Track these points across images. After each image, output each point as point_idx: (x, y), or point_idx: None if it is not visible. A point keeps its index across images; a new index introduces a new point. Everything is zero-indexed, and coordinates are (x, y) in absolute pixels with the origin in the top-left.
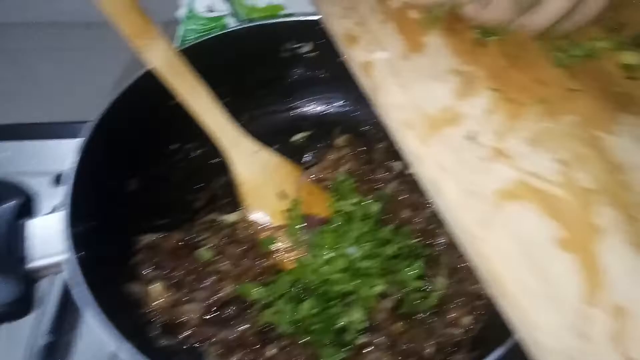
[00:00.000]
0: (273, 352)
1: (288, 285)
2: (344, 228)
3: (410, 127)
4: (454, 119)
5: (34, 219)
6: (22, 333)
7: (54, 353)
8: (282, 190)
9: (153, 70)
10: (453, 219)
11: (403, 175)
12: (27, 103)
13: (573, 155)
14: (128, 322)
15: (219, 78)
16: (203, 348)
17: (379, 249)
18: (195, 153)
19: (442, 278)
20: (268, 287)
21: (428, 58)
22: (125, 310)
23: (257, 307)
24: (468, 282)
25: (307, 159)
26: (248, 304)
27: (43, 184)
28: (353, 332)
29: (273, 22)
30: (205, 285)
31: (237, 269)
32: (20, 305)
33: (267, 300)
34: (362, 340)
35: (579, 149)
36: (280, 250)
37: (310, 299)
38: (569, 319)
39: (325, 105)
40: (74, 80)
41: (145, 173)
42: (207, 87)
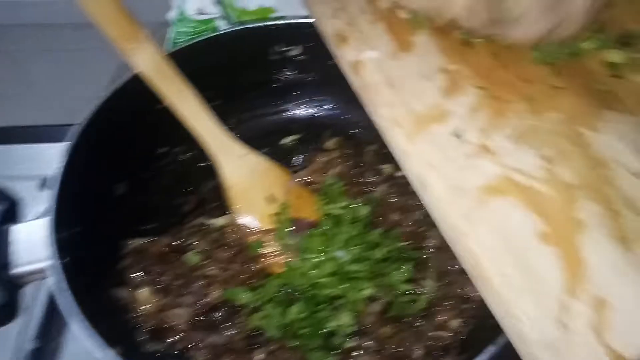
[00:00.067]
0: (261, 356)
1: (276, 289)
2: (333, 231)
3: (399, 124)
4: (441, 117)
5: (19, 225)
6: (8, 339)
7: (41, 359)
8: (270, 194)
9: (140, 74)
10: (440, 215)
11: (393, 178)
12: (19, 105)
13: (557, 152)
14: (115, 327)
15: (209, 81)
16: (191, 353)
17: (368, 253)
18: (184, 157)
19: (430, 281)
20: (256, 291)
21: (416, 57)
22: (112, 316)
23: (245, 311)
24: (457, 285)
25: (296, 162)
26: (236, 309)
27: (30, 189)
28: (342, 336)
29: (262, 25)
30: (193, 290)
31: (225, 273)
32: (5, 312)
33: (255, 305)
34: (350, 344)
35: (563, 146)
36: (269, 254)
37: (299, 303)
38: (552, 311)
39: (315, 108)
40: (68, 82)
41: (133, 177)
42: (194, 90)
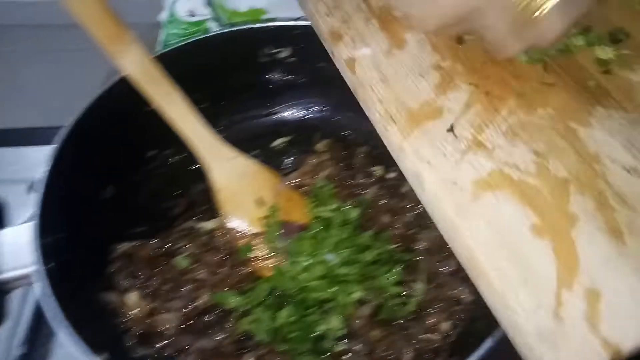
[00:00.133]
0: None
1: (266, 293)
2: (323, 234)
3: (393, 120)
4: (435, 113)
5: (5, 229)
6: None
7: None
8: (260, 197)
9: (127, 77)
10: (435, 210)
11: (383, 180)
12: (11, 107)
13: (549, 147)
14: (103, 332)
15: (198, 83)
16: (180, 358)
17: (358, 255)
18: (173, 159)
19: (421, 283)
20: (245, 295)
21: (410, 54)
22: (100, 321)
23: (234, 315)
24: (447, 287)
25: (287, 165)
26: (225, 313)
27: (18, 193)
28: (331, 339)
29: (251, 27)
30: (182, 294)
31: (214, 277)
32: None
33: (244, 309)
34: (340, 348)
35: (555, 141)
36: (259, 258)
37: (288, 307)
38: (547, 303)
39: (305, 111)
40: (61, 82)
41: (122, 180)
42: (183, 93)
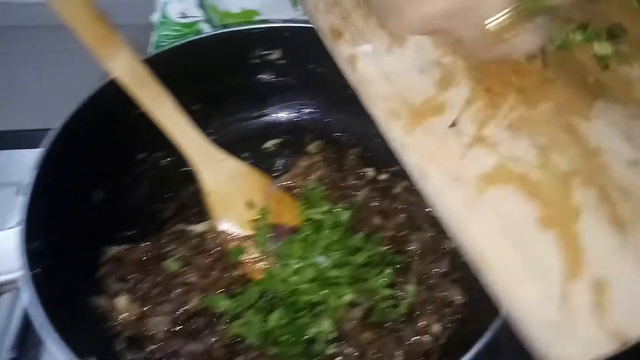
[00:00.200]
0: None
1: (256, 296)
2: (314, 237)
3: (396, 117)
4: (438, 109)
5: None
6: None
7: None
8: (250, 200)
9: (116, 80)
10: (440, 204)
11: (375, 182)
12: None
13: (551, 141)
14: (92, 336)
15: (188, 85)
16: None
17: (349, 258)
18: (164, 162)
19: (412, 285)
20: (236, 298)
21: (410, 51)
22: (90, 325)
23: (225, 319)
24: (438, 289)
25: (278, 166)
26: (216, 316)
27: (8, 196)
28: (322, 342)
29: (241, 29)
30: (172, 298)
31: (204, 280)
32: None
33: (235, 312)
34: (331, 351)
35: (557, 135)
36: (249, 261)
37: (279, 310)
38: (554, 294)
39: (297, 112)
40: (54, 84)
41: (112, 183)
42: (172, 96)
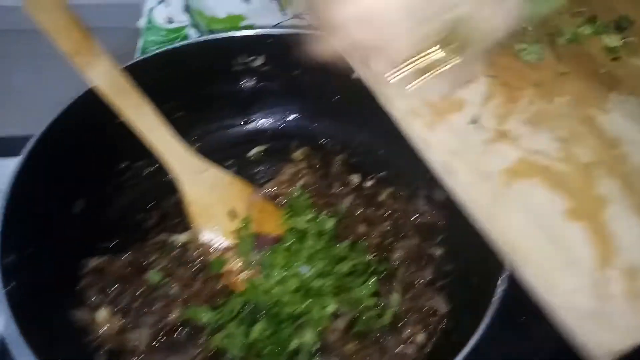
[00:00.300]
0: None
1: (239, 308)
2: (297, 246)
3: (416, 115)
4: (457, 106)
5: None
6: None
7: None
8: (232, 209)
9: (95, 89)
10: (467, 199)
11: (360, 189)
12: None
13: (571, 133)
14: (72, 351)
15: (171, 92)
16: None
17: (333, 267)
18: (146, 171)
19: (396, 294)
20: (218, 309)
21: None
22: (69, 339)
23: (207, 331)
24: (423, 298)
25: (263, 174)
26: (198, 328)
27: None
28: (306, 354)
29: (224, 36)
30: (154, 310)
31: (186, 292)
32: None
33: (217, 324)
34: None
35: (575, 127)
36: (232, 271)
37: (262, 321)
38: (589, 282)
39: (282, 119)
40: (37, 90)
41: (93, 193)
42: (153, 105)
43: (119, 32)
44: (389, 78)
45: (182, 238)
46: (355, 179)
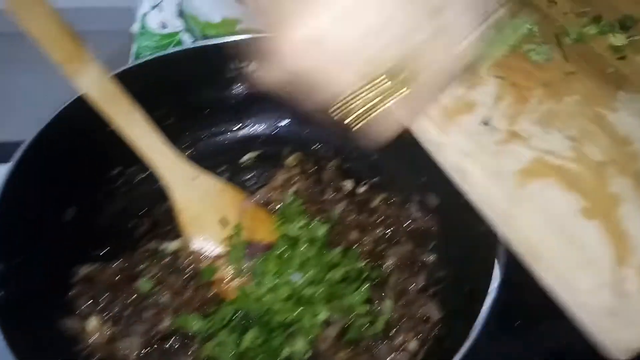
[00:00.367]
0: None
1: (230, 316)
2: (289, 253)
3: (429, 117)
4: (468, 107)
5: None
6: None
7: None
8: (224, 217)
9: (85, 96)
10: (482, 200)
11: (353, 195)
12: None
13: (581, 132)
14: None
15: (163, 99)
16: None
17: (325, 274)
18: (138, 177)
19: (389, 301)
20: (209, 318)
21: None
22: (59, 348)
23: (198, 339)
24: (415, 305)
25: (256, 180)
26: (189, 337)
27: None
28: None
29: (215, 43)
30: (144, 318)
31: (177, 300)
32: None
33: (208, 332)
34: None
35: (586, 126)
36: (223, 279)
37: (253, 329)
38: (607, 281)
39: (274, 125)
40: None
41: (84, 200)
42: (144, 112)
43: (114, 35)
44: (334, 113)
45: (173, 246)
46: (348, 185)
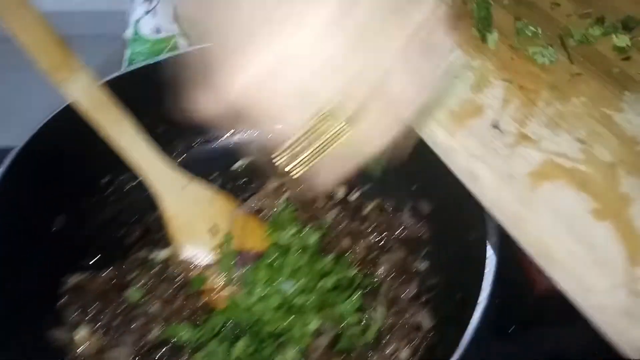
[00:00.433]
0: None
1: (220, 325)
2: (280, 262)
3: (437, 122)
4: (477, 111)
5: None
6: None
7: None
8: (214, 225)
9: (74, 105)
10: (493, 203)
11: (345, 202)
12: None
13: (589, 134)
14: None
15: (154, 106)
16: None
17: (317, 282)
18: (128, 185)
19: (381, 309)
20: (199, 327)
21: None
22: (47, 359)
23: (187, 349)
24: (407, 313)
25: (247, 187)
26: (178, 347)
27: None
28: None
29: (205, 47)
30: (134, 328)
31: (167, 309)
32: None
33: (198, 342)
34: None
35: (594, 127)
36: (214, 288)
37: (243, 339)
38: (621, 281)
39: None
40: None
41: (74, 208)
42: (134, 120)
43: (108, 39)
44: (276, 161)
45: (163, 254)
46: (340, 192)
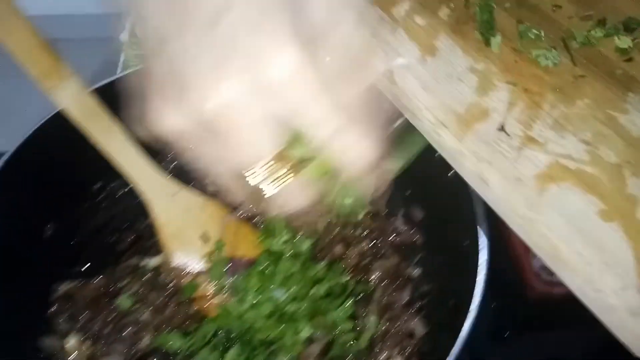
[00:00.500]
0: None
1: (211, 334)
2: (272, 269)
3: (444, 126)
4: (482, 114)
5: None
6: None
7: None
8: (205, 232)
9: (64, 112)
10: (504, 206)
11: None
12: None
13: (595, 135)
14: None
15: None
16: None
17: (309, 290)
18: (121, 192)
19: (373, 317)
20: (190, 335)
21: (443, 60)
22: None
23: (179, 358)
24: (400, 320)
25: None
26: (170, 355)
27: None
28: None
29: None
30: (125, 336)
31: (158, 317)
32: None
33: (189, 350)
34: None
35: (599, 129)
36: (205, 296)
37: (235, 348)
38: (632, 281)
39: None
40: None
41: (65, 215)
42: (123, 127)
43: (103, 43)
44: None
45: (154, 262)
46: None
